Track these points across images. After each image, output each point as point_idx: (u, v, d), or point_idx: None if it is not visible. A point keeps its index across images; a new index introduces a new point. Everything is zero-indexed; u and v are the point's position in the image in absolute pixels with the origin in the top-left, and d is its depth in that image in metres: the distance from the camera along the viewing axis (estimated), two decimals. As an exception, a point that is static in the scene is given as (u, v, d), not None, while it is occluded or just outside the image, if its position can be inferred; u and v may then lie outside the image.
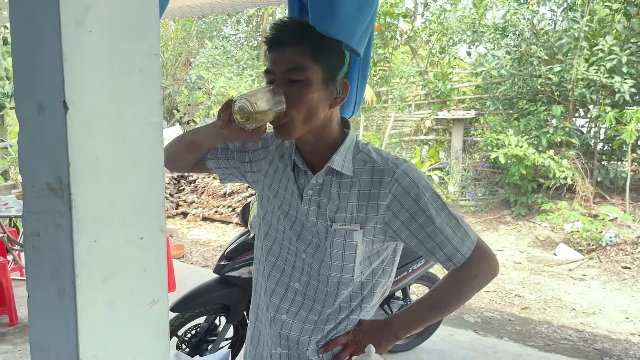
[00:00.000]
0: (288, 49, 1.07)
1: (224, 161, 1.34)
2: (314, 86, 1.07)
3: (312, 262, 1.19)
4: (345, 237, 1.14)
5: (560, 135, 7.68)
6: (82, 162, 0.77)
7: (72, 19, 0.74)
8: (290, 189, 1.22)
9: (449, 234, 1.13)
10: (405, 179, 1.12)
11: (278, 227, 1.25)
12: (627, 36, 7.55)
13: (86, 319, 0.79)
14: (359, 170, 1.15)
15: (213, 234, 7.31)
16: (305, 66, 1.06)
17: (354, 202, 1.14)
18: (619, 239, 6.39)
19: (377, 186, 1.12)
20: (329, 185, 1.16)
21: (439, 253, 1.15)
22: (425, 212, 1.11)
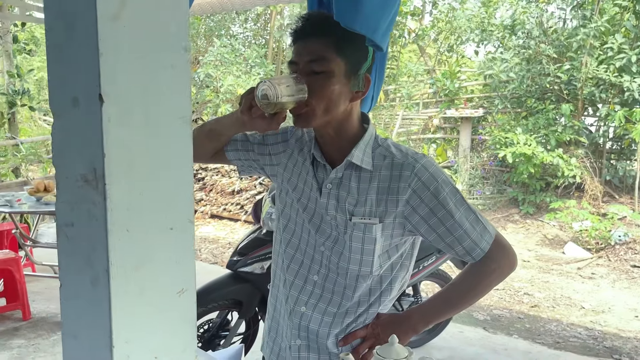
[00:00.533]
0: (312, 40, 1.08)
1: (244, 153, 1.36)
2: (336, 78, 1.08)
3: (331, 255, 1.20)
4: (365, 231, 1.15)
5: (569, 134, 7.65)
6: (116, 153, 0.79)
7: (109, 13, 0.76)
8: (309, 183, 1.23)
9: (468, 228, 1.14)
10: (425, 174, 1.13)
11: (297, 220, 1.26)
12: (636, 34, 7.51)
13: (119, 307, 0.81)
14: (379, 164, 1.16)
15: (222, 231, 7.34)
16: (328, 57, 1.07)
17: (373, 196, 1.15)
18: (628, 237, 6.37)
19: (397, 180, 1.13)
20: (348, 179, 1.17)
21: (458, 247, 1.16)
22: (445, 206, 1.12)
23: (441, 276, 3.38)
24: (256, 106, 1.08)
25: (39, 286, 4.55)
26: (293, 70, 1.12)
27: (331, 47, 1.07)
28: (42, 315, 3.99)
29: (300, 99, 1.07)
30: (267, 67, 10.80)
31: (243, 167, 1.39)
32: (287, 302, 1.28)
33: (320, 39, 1.08)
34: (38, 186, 4.30)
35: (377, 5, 1.04)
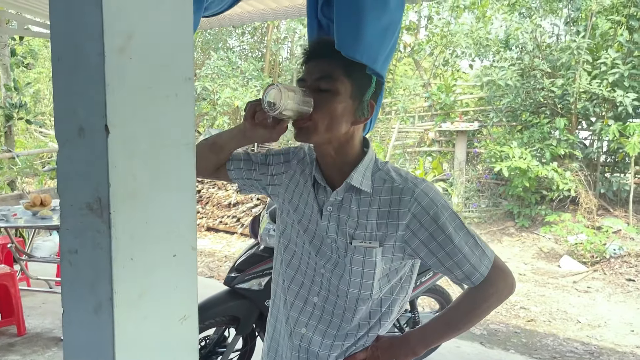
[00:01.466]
0: (322, 60, 1.12)
1: (246, 172, 1.37)
2: (341, 97, 1.11)
3: (331, 278, 1.21)
4: (365, 254, 1.16)
5: (563, 147, 7.71)
6: (121, 182, 0.80)
7: (116, 46, 0.78)
8: (310, 205, 1.25)
9: (467, 253, 1.15)
10: (425, 198, 1.14)
11: (297, 240, 1.27)
12: (629, 49, 7.60)
13: (122, 334, 0.82)
14: (378, 188, 1.17)
15: (218, 244, 7.33)
16: (335, 77, 1.10)
17: (374, 220, 1.16)
18: (623, 251, 6.40)
19: (397, 205, 1.15)
20: (349, 202, 1.19)
21: (457, 272, 1.16)
22: (444, 231, 1.13)
23: (438, 291, 3.38)
24: (260, 111, 1.11)
25: (34, 301, 4.52)
26: (301, 87, 1.15)
27: (340, 68, 1.10)
28: (37, 330, 3.96)
29: (304, 111, 1.09)
30: (263, 80, 10.84)
31: (245, 185, 1.41)
32: (287, 322, 1.28)
33: (329, 60, 1.11)
34: (34, 200, 4.29)
35: (378, 34, 1.06)
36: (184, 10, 0.84)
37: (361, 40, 1.04)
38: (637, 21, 7.43)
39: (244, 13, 4.77)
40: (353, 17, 1.04)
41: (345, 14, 1.06)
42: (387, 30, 1.09)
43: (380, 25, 1.07)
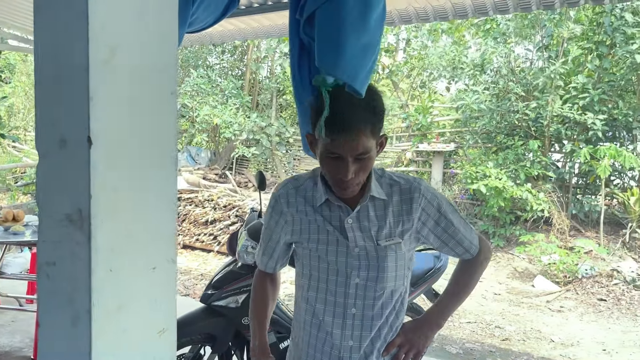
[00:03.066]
0: (353, 135, 1.17)
1: (284, 253, 1.50)
2: (373, 156, 1.24)
3: (367, 282, 1.33)
4: (396, 250, 1.33)
5: (537, 169, 7.88)
6: (102, 194, 0.80)
7: (100, 59, 0.78)
8: (324, 229, 1.35)
9: (464, 232, 1.38)
10: (428, 193, 1.35)
11: (320, 266, 1.36)
12: (599, 75, 7.86)
13: (100, 347, 0.81)
14: (388, 192, 1.34)
15: (194, 262, 7.24)
16: (368, 147, 1.20)
17: (391, 220, 1.32)
18: (594, 271, 6.53)
19: (409, 203, 1.33)
20: (366, 210, 1.32)
21: (459, 248, 1.40)
22: (446, 217, 1.35)
23: (415, 310, 3.40)
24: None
25: (4, 319, 4.39)
26: (331, 155, 1.21)
27: (369, 136, 1.19)
28: (6, 349, 3.84)
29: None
30: (243, 98, 10.87)
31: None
32: (333, 343, 1.38)
33: (359, 134, 1.17)
34: (7, 215, 4.19)
35: (358, 53, 1.09)
36: (168, 24, 0.86)
37: (342, 58, 1.06)
38: (606, 48, 7.69)
39: (224, 31, 4.81)
40: (334, 37, 1.07)
41: (327, 33, 1.09)
42: (367, 50, 1.12)
43: (360, 44, 1.10)
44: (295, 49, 1.37)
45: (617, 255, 7.04)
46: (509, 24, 8.58)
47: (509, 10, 3.35)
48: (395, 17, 3.68)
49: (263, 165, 11.52)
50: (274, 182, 10.44)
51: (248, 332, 2.68)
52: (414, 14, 3.61)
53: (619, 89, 7.95)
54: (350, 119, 1.16)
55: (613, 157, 7.03)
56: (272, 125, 10.67)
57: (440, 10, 3.51)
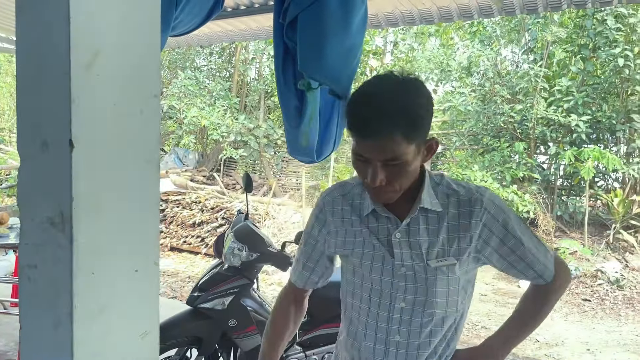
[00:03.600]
0: (381, 138, 1.02)
1: (322, 267, 1.34)
2: (410, 162, 1.06)
3: (414, 307, 1.17)
4: (448, 273, 1.15)
5: (522, 170, 7.96)
6: (84, 197, 0.81)
7: (82, 63, 0.79)
8: (370, 243, 1.19)
9: (536, 253, 1.19)
10: (493, 207, 1.16)
11: (363, 285, 1.22)
12: (583, 78, 7.96)
13: (82, 350, 0.82)
14: (444, 203, 1.16)
15: (181, 264, 7.21)
16: (401, 153, 1.03)
17: (444, 236, 1.15)
18: (579, 272, 6.60)
19: (467, 217, 1.15)
20: (417, 224, 1.16)
21: (530, 272, 1.20)
22: (514, 235, 1.16)
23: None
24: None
25: (-14, 323, 4.33)
26: (359, 159, 1.08)
27: (401, 139, 1.02)
28: (-12, 354, 3.79)
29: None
30: (231, 100, 10.85)
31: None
32: None
33: (388, 137, 1.02)
34: (-11, 218, 4.14)
35: (340, 57, 1.10)
36: (151, 28, 0.86)
37: (324, 62, 1.07)
38: (589, 51, 7.80)
39: (212, 33, 4.80)
40: (316, 41, 1.08)
41: (309, 37, 1.10)
42: (349, 53, 1.13)
43: (343, 48, 1.11)
44: (280, 52, 1.37)
45: (601, 256, 7.13)
46: (495, 27, 8.66)
47: (493, 14, 3.39)
48: (382, 20, 3.70)
49: (251, 167, 11.50)
50: (262, 184, 10.43)
51: (235, 334, 2.68)
52: (400, 17, 3.63)
53: (603, 92, 8.06)
54: (376, 122, 1.01)
55: (597, 159, 7.12)
56: (260, 127, 10.66)
57: (426, 13, 3.54)
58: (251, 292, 2.76)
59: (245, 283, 2.71)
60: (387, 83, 1.06)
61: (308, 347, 2.84)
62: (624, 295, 6.07)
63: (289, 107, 1.40)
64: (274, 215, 7.80)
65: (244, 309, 2.68)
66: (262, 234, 2.83)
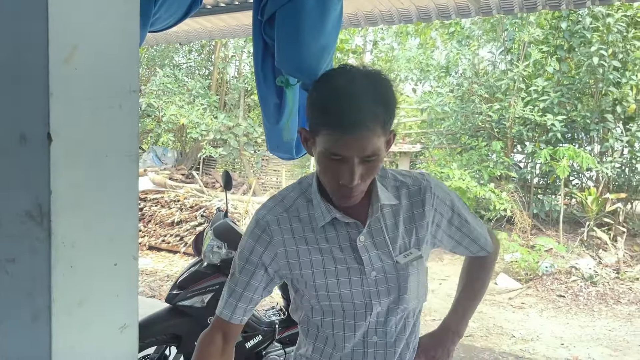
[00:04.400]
0: (364, 134, 0.96)
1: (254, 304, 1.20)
2: (382, 156, 1.03)
3: (389, 307, 1.14)
4: (418, 266, 1.15)
5: (500, 169, 8.08)
6: (63, 190, 0.81)
7: (61, 56, 0.79)
8: (330, 258, 1.12)
9: (478, 228, 1.24)
10: (439, 190, 1.18)
11: (332, 304, 1.14)
12: (559, 78, 8.12)
13: (61, 343, 0.82)
14: (396, 195, 1.14)
15: (160, 263, 7.15)
16: (379, 147, 0.99)
17: (402, 229, 1.14)
18: (554, 268, 6.73)
19: (420, 206, 1.15)
20: (377, 222, 1.12)
21: (474, 246, 1.25)
22: (460, 214, 1.20)
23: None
24: None
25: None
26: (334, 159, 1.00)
27: (380, 134, 0.98)
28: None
29: None
30: (210, 98, 10.78)
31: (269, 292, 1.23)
32: None
33: (369, 132, 0.96)
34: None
35: (316, 54, 1.12)
36: (129, 23, 0.87)
37: (301, 59, 1.09)
38: (564, 52, 7.96)
39: (191, 31, 4.77)
40: (293, 38, 1.10)
41: (286, 34, 1.12)
42: (325, 50, 1.15)
43: (319, 46, 1.13)
44: (259, 49, 1.38)
45: (575, 252, 7.28)
46: (474, 27, 8.77)
47: (471, 14, 3.44)
48: (361, 18, 3.73)
49: (231, 166, 11.46)
50: (241, 182, 10.40)
51: (214, 332, 2.68)
52: (379, 16, 3.67)
53: (577, 92, 8.23)
54: (360, 114, 0.95)
55: (572, 158, 7.26)
56: (240, 125, 10.63)
57: (405, 13, 3.58)
58: (231, 290, 2.76)
59: (225, 280, 2.71)
60: (356, 75, 1.00)
61: (287, 344, 2.86)
62: (597, 291, 6.21)
63: (268, 104, 1.42)
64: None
65: (223, 306, 2.68)
66: (241, 231, 2.83)
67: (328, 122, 0.97)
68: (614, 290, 6.26)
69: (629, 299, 6.03)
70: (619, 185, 8.01)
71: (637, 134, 7.47)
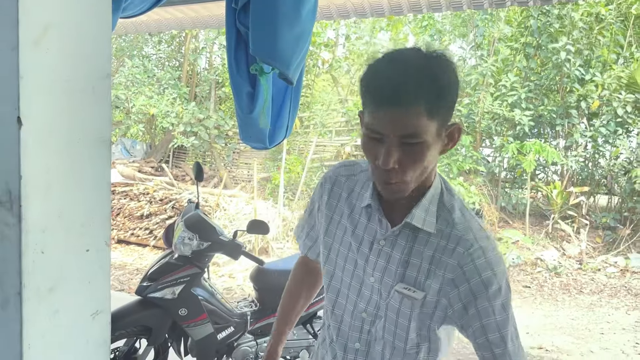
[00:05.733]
0: (403, 110, 0.89)
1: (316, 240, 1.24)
2: (430, 145, 0.92)
3: (375, 320, 1.08)
4: (401, 304, 1.03)
5: (468, 163, 8.22)
6: (33, 175, 0.80)
7: (30, 38, 0.78)
8: (347, 242, 1.10)
9: (506, 335, 0.99)
10: (480, 258, 0.99)
11: (332, 283, 1.14)
12: (526, 74, 8.30)
13: (31, 329, 0.81)
14: (440, 229, 1.02)
15: (129, 257, 7.04)
16: (422, 129, 0.90)
17: (426, 265, 1.01)
18: (521, 260, 6.91)
19: (449, 254, 1.00)
20: (405, 238, 1.03)
21: (487, 353, 1.00)
22: (491, 300, 0.98)
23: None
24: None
25: None
26: (372, 136, 0.94)
27: (424, 114, 0.89)
28: None
29: None
30: (181, 89, 10.64)
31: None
32: None
33: (410, 106, 0.89)
34: None
35: (291, 42, 1.12)
36: (102, 7, 0.86)
37: (275, 47, 1.09)
38: (532, 49, 8.14)
39: (161, 20, 4.70)
40: (268, 26, 1.10)
41: (261, 22, 1.11)
42: (300, 39, 1.16)
43: (293, 34, 1.13)
44: (232, 38, 1.38)
45: (540, 244, 7.49)
46: (445, 22, 8.88)
47: (441, 8, 3.49)
48: (334, 11, 3.74)
49: (201, 158, 11.34)
50: (212, 175, 10.31)
51: (185, 323, 2.67)
52: (352, 10, 3.68)
53: (544, 88, 8.43)
54: (397, 88, 0.88)
55: (538, 152, 7.45)
56: (211, 117, 10.52)
57: (377, 6, 3.60)
58: (202, 281, 2.75)
59: (196, 272, 2.70)
60: (409, 53, 0.94)
61: (259, 335, 2.86)
62: (561, 282, 6.41)
63: (241, 94, 1.41)
64: (224, 207, 7.73)
65: (194, 297, 2.67)
66: (213, 222, 2.82)
67: (368, 97, 0.93)
68: (576, 280, 6.47)
69: (591, 289, 6.24)
70: (583, 179, 8.27)
71: (600, 130, 7.71)
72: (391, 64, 0.92)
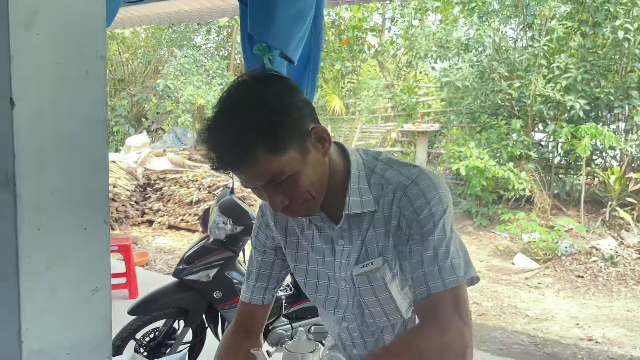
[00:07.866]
0: (245, 169, 0.88)
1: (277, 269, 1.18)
2: (299, 169, 0.89)
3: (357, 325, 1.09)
4: (372, 281, 1.00)
5: (519, 148, 7.94)
6: (27, 154, 0.82)
7: (21, 20, 0.79)
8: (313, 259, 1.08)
9: (428, 257, 0.93)
10: (413, 189, 0.96)
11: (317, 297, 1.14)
12: (582, 54, 7.88)
13: (28, 303, 0.84)
14: (378, 196, 0.99)
15: (178, 242, 7.27)
16: (277, 169, 0.87)
17: (373, 233, 1.00)
18: (574, 249, 6.63)
19: (389, 206, 0.98)
20: (357, 227, 1.01)
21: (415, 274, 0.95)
22: (423, 228, 0.94)
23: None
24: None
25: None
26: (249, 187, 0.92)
27: (268, 157, 0.86)
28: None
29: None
30: (228, 78, 10.80)
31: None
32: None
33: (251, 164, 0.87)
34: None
35: (289, 20, 1.10)
36: (94, -11, 0.86)
37: (273, 25, 1.07)
38: (589, 27, 7.71)
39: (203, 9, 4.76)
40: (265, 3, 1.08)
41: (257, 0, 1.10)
42: (299, 17, 1.13)
43: (292, 11, 1.11)
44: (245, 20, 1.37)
45: (596, 233, 7.15)
46: (493, 2, 8.55)
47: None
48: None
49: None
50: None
51: (220, 306, 2.73)
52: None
53: (602, 69, 7.99)
54: (226, 154, 0.87)
55: (594, 137, 7.09)
56: (258, 105, 10.64)
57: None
58: (236, 265, 2.79)
59: (230, 255, 2.75)
60: (225, 104, 0.90)
61: (295, 319, 2.89)
62: (618, 272, 6.11)
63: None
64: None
65: (229, 281, 2.72)
66: (246, 207, 2.85)
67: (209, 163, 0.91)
68: (634, 270, 6.14)
69: (650, 280, 5.92)
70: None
71: (663, 111, 7.24)
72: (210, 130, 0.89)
